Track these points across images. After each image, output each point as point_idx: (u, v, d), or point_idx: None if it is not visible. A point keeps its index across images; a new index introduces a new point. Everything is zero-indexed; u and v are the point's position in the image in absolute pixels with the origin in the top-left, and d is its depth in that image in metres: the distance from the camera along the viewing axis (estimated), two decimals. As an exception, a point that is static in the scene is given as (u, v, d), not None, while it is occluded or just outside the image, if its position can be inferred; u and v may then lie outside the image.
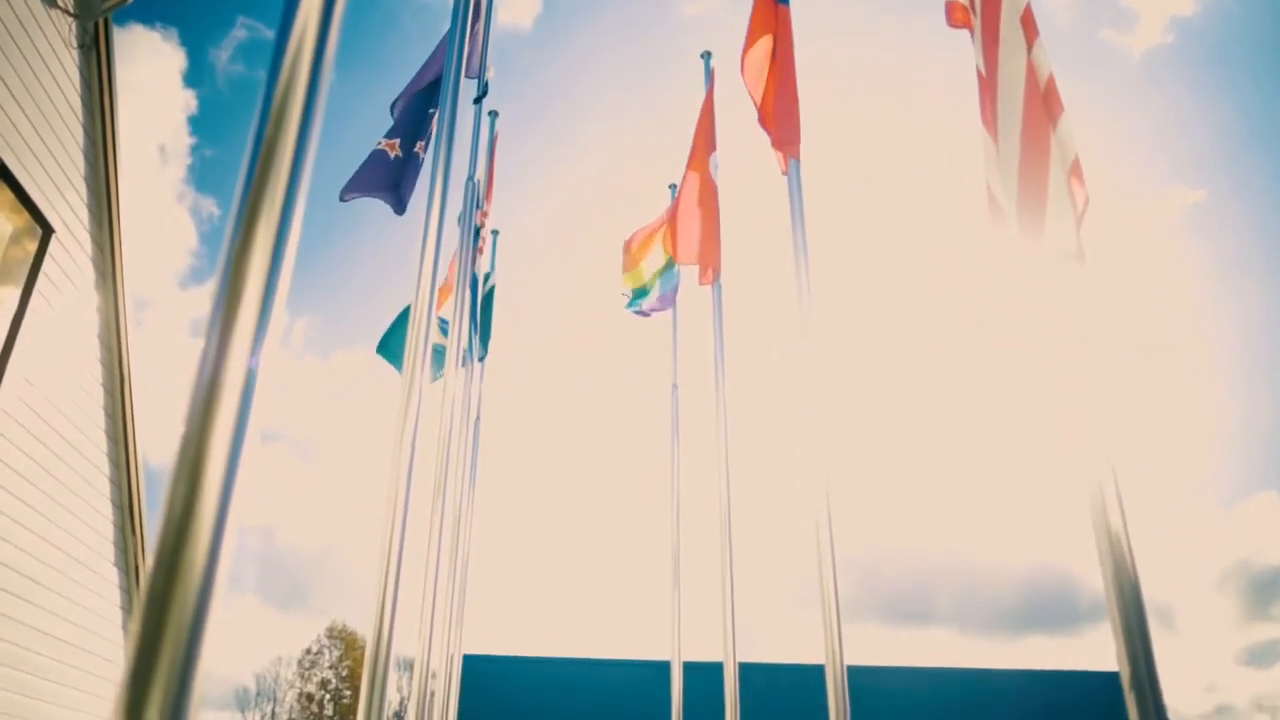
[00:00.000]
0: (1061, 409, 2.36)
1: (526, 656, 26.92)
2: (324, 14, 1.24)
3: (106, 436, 8.30)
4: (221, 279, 1.03)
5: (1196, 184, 56.43)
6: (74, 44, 7.30)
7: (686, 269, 7.49)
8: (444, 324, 6.90)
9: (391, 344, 7.49)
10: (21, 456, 6.75)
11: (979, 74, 2.96)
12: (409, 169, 5.93)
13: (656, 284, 7.82)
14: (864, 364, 57.82)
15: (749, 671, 6.07)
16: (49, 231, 7.05)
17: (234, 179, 1.10)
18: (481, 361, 8.37)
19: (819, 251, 4.40)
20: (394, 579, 3.03)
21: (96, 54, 7.68)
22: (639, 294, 7.91)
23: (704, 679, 9.12)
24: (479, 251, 7.63)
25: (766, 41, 5.06)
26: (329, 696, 54.96)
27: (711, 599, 5.63)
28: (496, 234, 9.05)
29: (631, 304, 7.95)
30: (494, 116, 8.03)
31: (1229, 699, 60.11)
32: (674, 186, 7.90)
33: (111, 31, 7.76)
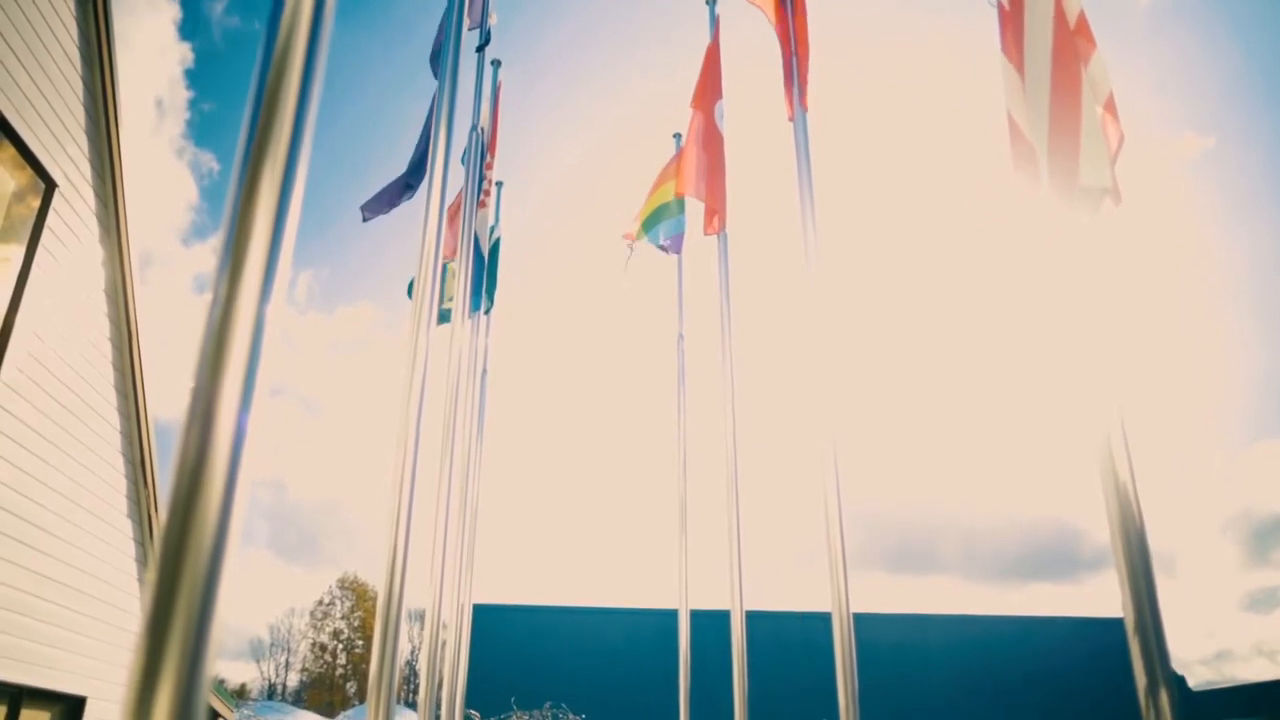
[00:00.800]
0: (1072, 359, 2.35)
1: (536, 606, 27.31)
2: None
3: (116, 391, 8.35)
4: (227, 232, 1.02)
5: (1207, 131, 55.68)
6: (70, -6, 7.20)
7: (693, 221, 7.45)
8: (447, 268, 6.88)
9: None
10: (31, 410, 6.79)
11: (1000, 7, 2.90)
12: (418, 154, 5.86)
13: (663, 224, 7.76)
14: (870, 314, 57.71)
15: (756, 619, 6.14)
16: (51, 186, 7.01)
17: (234, 133, 1.09)
18: (488, 314, 8.36)
19: (826, 199, 4.37)
20: (405, 531, 3.06)
21: (93, 4, 7.58)
22: (648, 224, 7.84)
23: (711, 627, 9.24)
24: (483, 203, 7.59)
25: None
26: (341, 646, 55.95)
27: (718, 548, 5.69)
28: (501, 185, 8.99)
29: (647, 234, 7.88)
30: (497, 65, 7.93)
31: (1229, 644, 60.86)
32: (679, 136, 7.83)
33: (108, -19, 7.66)
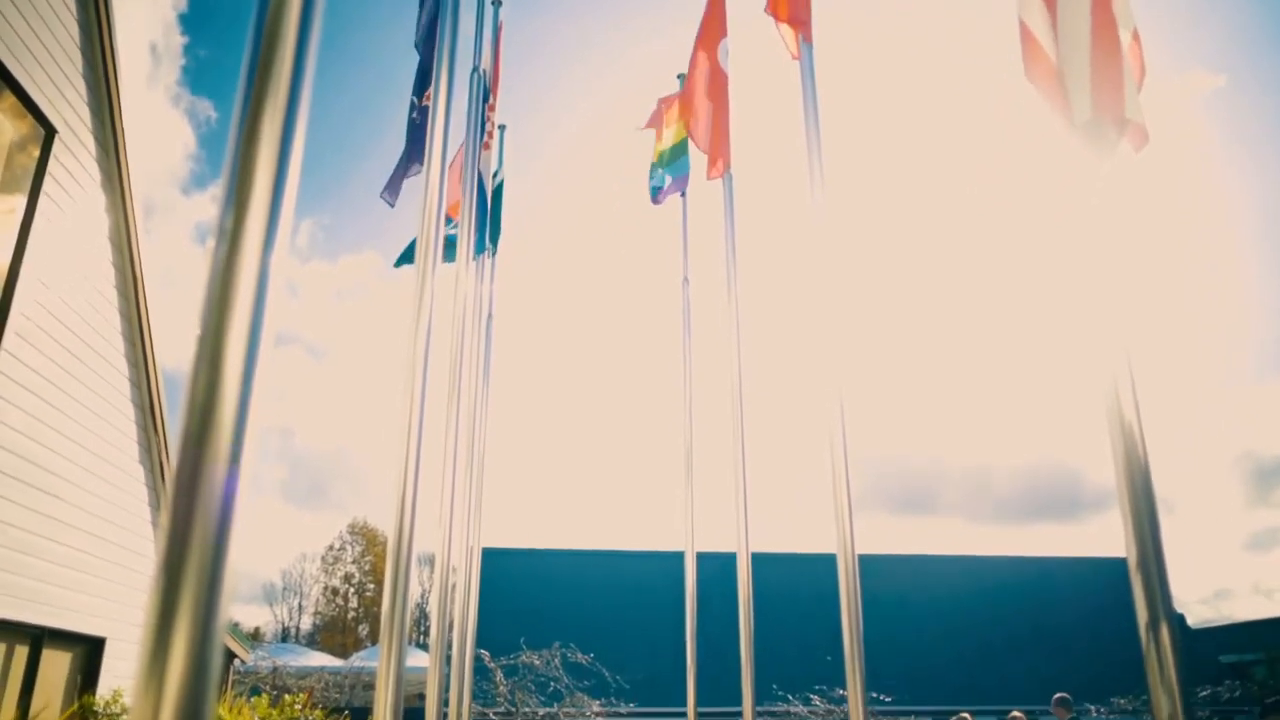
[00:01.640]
0: (1081, 298, 2.33)
1: (543, 549, 27.64)
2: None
3: (123, 338, 8.37)
4: (228, 179, 1.01)
5: (1218, 69, 54.66)
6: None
7: (697, 162, 7.37)
8: (450, 222, 6.85)
9: (411, 252, 7.47)
10: (39, 356, 6.82)
11: None
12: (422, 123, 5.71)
13: (668, 169, 7.72)
14: (876, 254, 57.34)
15: (761, 561, 6.21)
16: (51, 132, 6.95)
17: (231, 80, 1.07)
18: (493, 257, 8.33)
19: (832, 139, 4.32)
20: (413, 475, 3.09)
21: (87, -55, 7.45)
22: (663, 162, 7.80)
23: (718, 569, 9.35)
24: (486, 145, 7.51)
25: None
26: (352, 590, 56.87)
27: (725, 490, 5.73)
28: (504, 129, 8.89)
29: (654, 176, 7.86)
30: (498, 5, 7.79)
31: (1229, 583, 61.53)
32: (682, 76, 7.71)
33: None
